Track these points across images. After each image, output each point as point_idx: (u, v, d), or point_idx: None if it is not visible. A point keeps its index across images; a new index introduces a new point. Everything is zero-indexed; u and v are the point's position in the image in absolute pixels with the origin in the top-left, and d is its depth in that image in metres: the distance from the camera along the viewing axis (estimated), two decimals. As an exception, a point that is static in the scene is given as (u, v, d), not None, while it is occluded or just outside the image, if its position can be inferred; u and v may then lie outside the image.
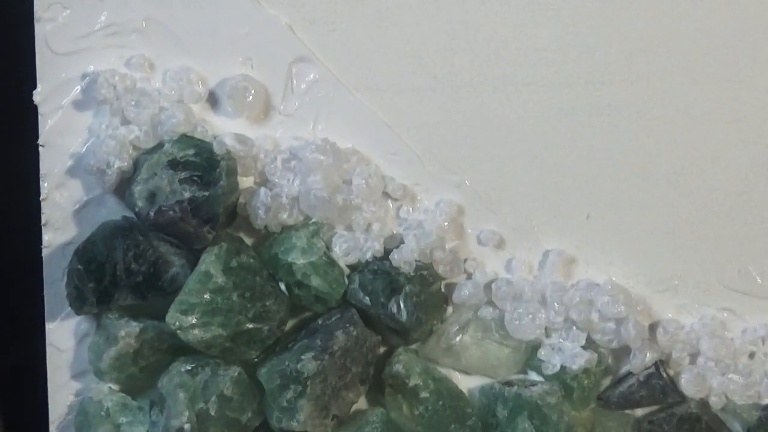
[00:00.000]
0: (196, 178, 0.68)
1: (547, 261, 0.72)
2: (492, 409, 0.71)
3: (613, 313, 0.69)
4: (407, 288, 0.70)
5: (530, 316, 0.70)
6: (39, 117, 0.70)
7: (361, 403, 0.72)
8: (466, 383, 0.72)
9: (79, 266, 0.68)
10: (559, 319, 0.70)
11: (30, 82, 0.70)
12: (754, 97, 0.72)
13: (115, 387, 0.71)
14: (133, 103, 0.69)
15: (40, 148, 0.70)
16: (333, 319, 0.70)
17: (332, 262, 0.70)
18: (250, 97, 0.71)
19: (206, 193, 0.67)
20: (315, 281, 0.69)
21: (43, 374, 0.71)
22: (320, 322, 0.70)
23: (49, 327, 0.71)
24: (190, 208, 0.67)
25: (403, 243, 0.71)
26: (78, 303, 0.68)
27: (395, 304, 0.69)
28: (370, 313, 0.70)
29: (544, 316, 0.70)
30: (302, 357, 0.68)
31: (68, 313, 0.70)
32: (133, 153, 0.69)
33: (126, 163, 0.69)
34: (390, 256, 0.70)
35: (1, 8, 0.75)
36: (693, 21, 0.72)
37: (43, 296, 0.71)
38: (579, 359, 0.70)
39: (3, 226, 0.77)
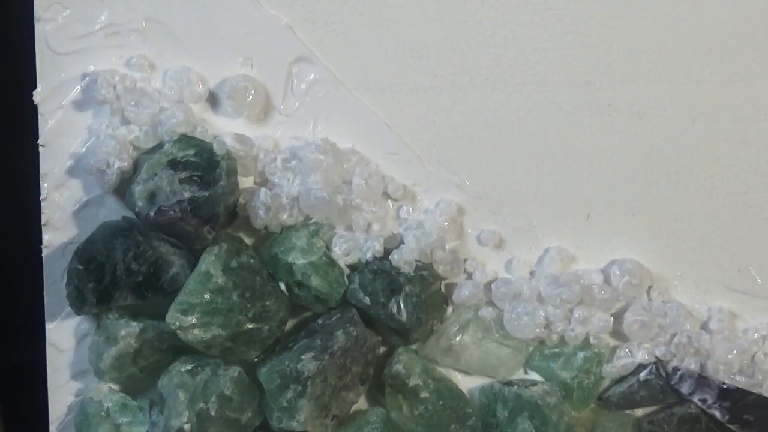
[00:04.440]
0: (196, 178, 0.68)
1: (545, 257, 0.72)
2: (492, 409, 0.71)
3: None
4: (407, 288, 0.70)
5: (529, 315, 0.70)
6: (39, 117, 0.70)
7: (361, 403, 0.72)
8: (466, 383, 0.72)
9: (79, 266, 0.68)
10: (558, 312, 0.70)
11: (30, 82, 0.70)
12: (754, 97, 0.72)
13: (115, 387, 0.71)
14: (133, 103, 0.69)
15: (40, 148, 0.70)
16: (333, 319, 0.70)
17: (332, 262, 0.70)
18: (250, 97, 0.71)
19: (206, 193, 0.67)
20: (315, 281, 0.69)
21: (43, 374, 0.71)
22: (320, 322, 0.70)
23: (49, 327, 0.71)
24: (190, 208, 0.67)
25: (403, 243, 0.71)
26: (78, 303, 0.68)
27: (395, 304, 0.69)
28: (370, 313, 0.70)
29: (543, 314, 0.70)
30: (302, 357, 0.68)
31: (68, 313, 0.70)
32: (133, 153, 0.69)
33: (126, 163, 0.69)
34: (390, 256, 0.70)
35: (1, 8, 0.75)
36: (693, 21, 0.72)
37: (43, 296, 0.71)
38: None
39: (3, 226, 0.77)
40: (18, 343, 0.78)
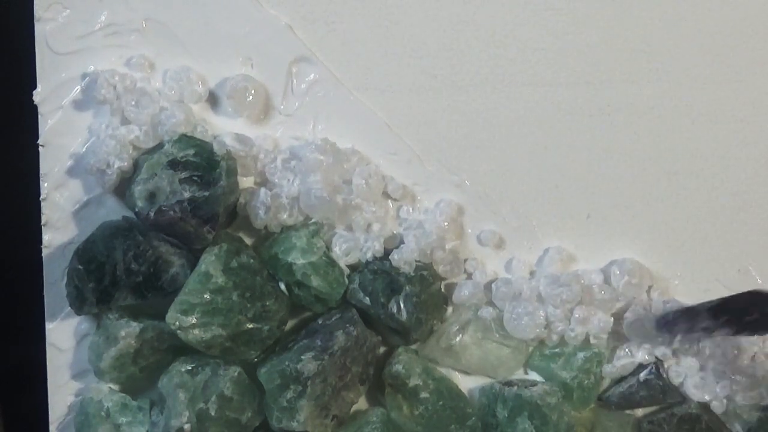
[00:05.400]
0: (196, 178, 0.68)
1: (545, 257, 0.72)
2: (492, 409, 0.71)
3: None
4: (407, 288, 0.70)
5: (529, 315, 0.70)
6: (39, 117, 0.70)
7: (361, 403, 0.72)
8: (466, 383, 0.72)
9: (79, 266, 0.68)
10: (558, 312, 0.70)
11: (30, 82, 0.70)
12: (754, 97, 0.72)
13: (115, 387, 0.71)
14: (133, 103, 0.69)
15: (40, 148, 0.70)
16: (333, 319, 0.70)
17: (332, 262, 0.70)
18: (250, 97, 0.71)
19: (206, 193, 0.67)
20: (315, 281, 0.69)
21: (43, 374, 0.71)
22: (320, 322, 0.70)
23: (49, 327, 0.71)
24: (190, 208, 0.67)
25: (403, 243, 0.71)
26: (78, 303, 0.68)
27: (395, 304, 0.69)
28: (370, 313, 0.70)
29: (543, 314, 0.70)
30: (302, 357, 0.68)
31: (68, 313, 0.70)
32: (133, 153, 0.69)
33: (126, 163, 0.69)
34: (390, 256, 0.70)
35: (1, 8, 0.75)
36: (693, 21, 0.72)
37: (43, 296, 0.71)
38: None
39: (3, 226, 0.77)
40: (18, 343, 0.78)
